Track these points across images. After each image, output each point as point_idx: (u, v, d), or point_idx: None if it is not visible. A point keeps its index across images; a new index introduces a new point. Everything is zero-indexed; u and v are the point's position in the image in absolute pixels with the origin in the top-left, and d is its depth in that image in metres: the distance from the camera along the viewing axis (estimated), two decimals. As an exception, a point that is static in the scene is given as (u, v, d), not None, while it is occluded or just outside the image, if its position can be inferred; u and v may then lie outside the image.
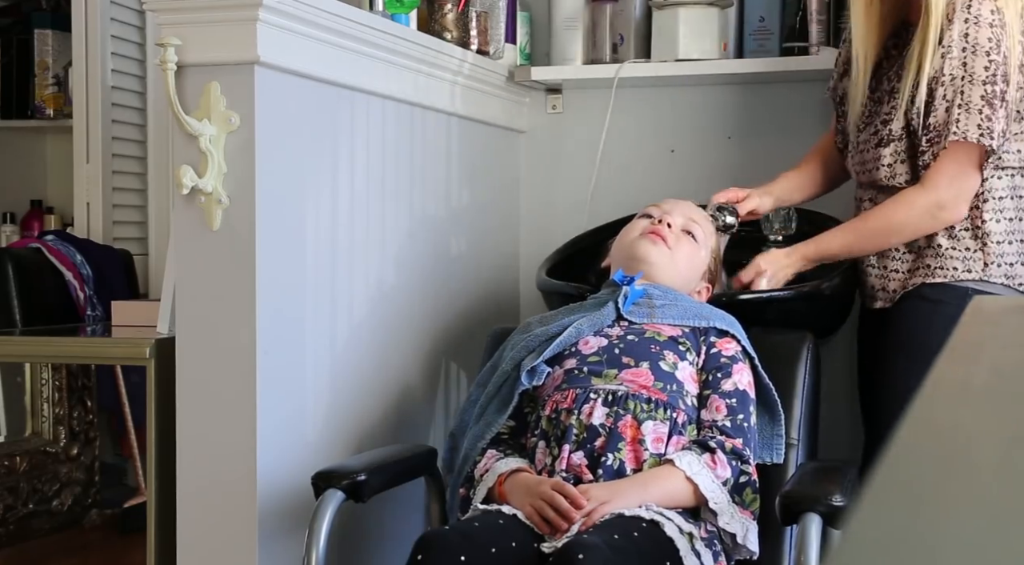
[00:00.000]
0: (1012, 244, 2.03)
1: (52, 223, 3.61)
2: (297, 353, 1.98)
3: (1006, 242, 2.02)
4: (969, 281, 2.01)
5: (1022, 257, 2.03)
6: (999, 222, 2.02)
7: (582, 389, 1.85)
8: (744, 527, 1.78)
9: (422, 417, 2.41)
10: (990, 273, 2.01)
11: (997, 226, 2.02)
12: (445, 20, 2.47)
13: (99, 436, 3.04)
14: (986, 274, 2.01)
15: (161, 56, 1.81)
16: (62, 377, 2.92)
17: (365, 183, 2.17)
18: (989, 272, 2.01)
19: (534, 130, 2.89)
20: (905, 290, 2.07)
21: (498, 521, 1.71)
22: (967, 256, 2.02)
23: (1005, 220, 2.02)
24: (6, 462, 2.79)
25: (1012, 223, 2.03)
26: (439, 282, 2.46)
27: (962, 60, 1.96)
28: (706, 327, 1.95)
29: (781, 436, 1.94)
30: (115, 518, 3.03)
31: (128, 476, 3.15)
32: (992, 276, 2.01)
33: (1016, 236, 2.03)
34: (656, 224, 2.04)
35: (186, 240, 1.90)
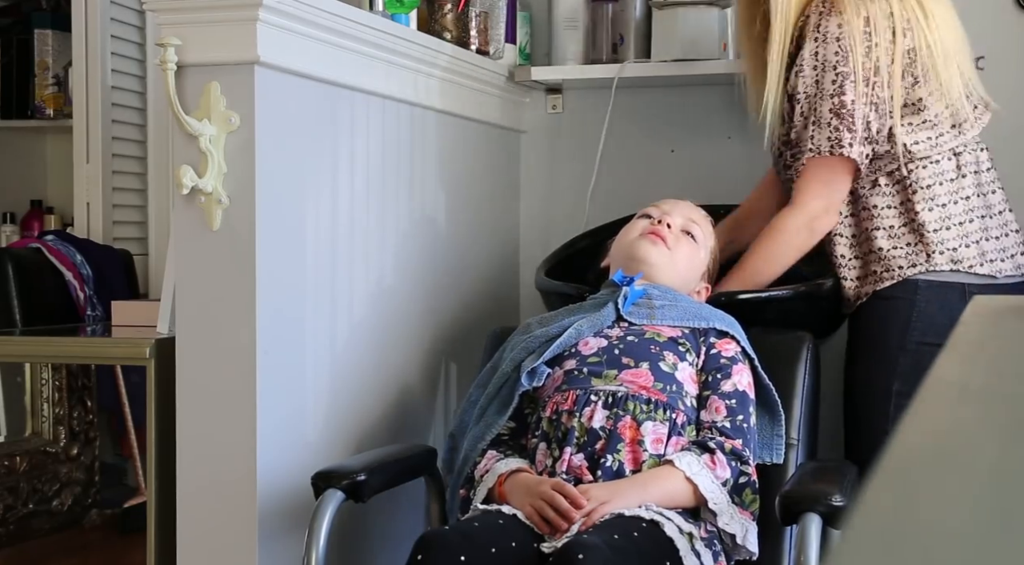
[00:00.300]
0: (950, 229, 2.02)
1: (52, 223, 3.61)
2: (297, 353, 1.98)
3: (943, 228, 2.02)
4: (917, 275, 2.02)
5: (964, 239, 2.02)
6: (931, 210, 2.02)
7: (582, 390, 1.85)
8: (744, 528, 1.78)
9: (422, 417, 2.41)
10: (935, 262, 2.02)
11: (930, 214, 2.02)
12: (445, 20, 2.47)
13: (99, 436, 3.04)
14: (931, 264, 2.02)
15: (161, 56, 1.81)
16: (62, 377, 2.92)
17: (365, 183, 2.17)
18: (934, 261, 2.02)
19: (534, 130, 2.89)
20: (859, 299, 2.10)
21: (498, 521, 1.71)
22: (909, 251, 2.03)
23: (938, 207, 2.03)
24: (6, 462, 2.79)
25: (946, 208, 2.03)
26: (439, 282, 2.46)
27: (813, 78, 2.02)
28: (706, 328, 1.95)
29: (781, 436, 1.94)
30: (115, 518, 3.03)
31: (128, 476, 3.15)
32: (938, 265, 2.02)
33: (953, 220, 2.03)
34: (656, 224, 2.04)
35: (186, 240, 1.90)
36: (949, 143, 2.05)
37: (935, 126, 2.04)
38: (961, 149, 2.06)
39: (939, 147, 2.04)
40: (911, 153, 2.03)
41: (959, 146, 2.06)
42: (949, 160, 2.05)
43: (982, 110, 2.10)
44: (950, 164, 2.05)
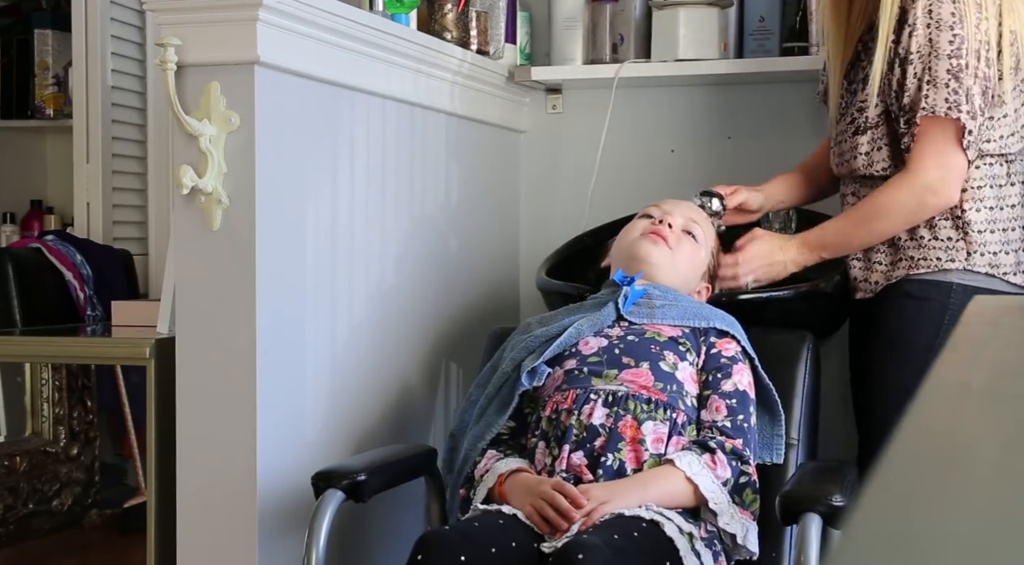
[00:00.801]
0: (994, 233, 2.00)
1: (52, 223, 3.61)
2: (297, 353, 1.98)
3: (988, 231, 1.99)
4: (953, 270, 1.99)
5: (1005, 246, 2.00)
6: (979, 211, 1.99)
7: (582, 389, 1.85)
8: (744, 528, 1.78)
9: (422, 417, 2.41)
10: (974, 262, 1.98)
11: (978, 215, 1.99)
12: (445, 20, 2.47)
13: (99, 436, 3.04)
14: (969, 263, 1.98)
15: (161, 56, 1.81)
16: (62, 377, 2.92)
17: (365, 183, 2.17)
18: (973, 261, 1.98)
19: (534, 130, 2.89)
20: (888, 282, 2.04)
21: (498, 521, 1.71)
22: (949, 246, 2.00)
23: (986, 209, 1.99)
24: (6, 462, 2.79)
25: (993, 212, 2.00)
26: (439, 282, 2.46)
27: (927, 36, 1.94)
28: (706, 327, 1.95)
29: (781, 436, 1.94)
30: (115, 518, 3.03)
31: (128, 476, 3.15)
32: (976, 265, 1.98)
33: (998, 225, 2.01)
34: (656, 224, 2.04)
35: (186, 240, 1.90)
36: (1013, 146, 2.01)
37: (1009, 125, 2.00)
38: (1014, 157, 2.02)
39: (1004, 149, 2.00)
40: (980, 148, 1.98)
41: (1014, 153, 2.02)
42: (1002, 165, 2.01)
43: None
44: (1002, 169, 2.01)
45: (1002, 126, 2.00)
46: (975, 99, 1.93)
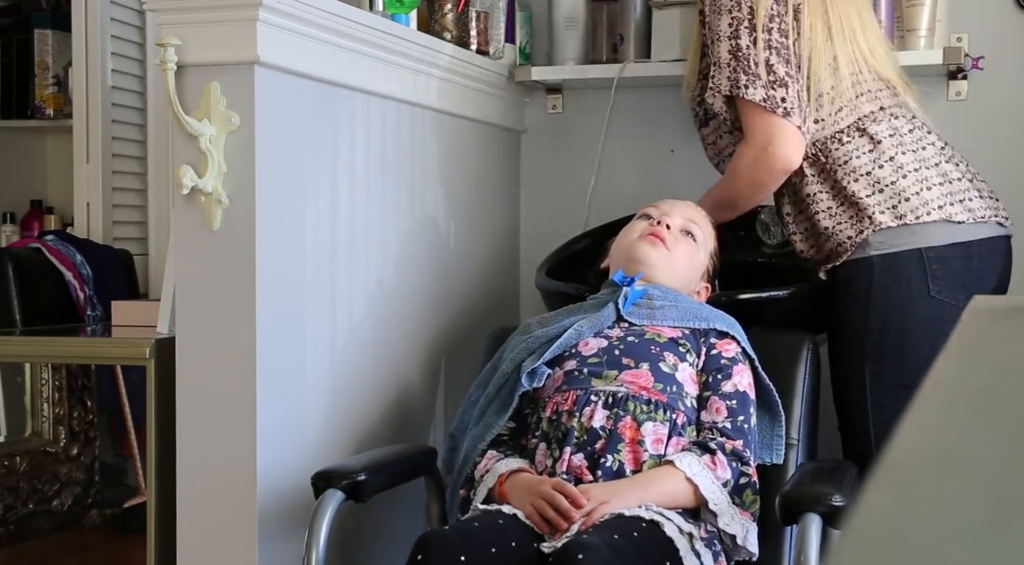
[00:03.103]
0: (883, 191, 2.03)
1: (52, 223, 3.61)
2: (297, 353, 1.98)
3: (875, 192, 2.04)
4: (868, 239, 2.02)
5: (901, 194, 2.03)
6: (858, 180, 2.05)
7: (582, 391, 1.85)
8: (744, 528, 1.78)
9: (422, 417, 2.41)
10: (878, 220, 2.02)
11: (857, 184, 2.04)
12: (445, 20, 2.47)
13: (99, 436, 3.04)
14: (875, 224, 2.02)
15: (161, 56, 1.81)
16: (62, 377, 2.92)
17: (365, 183, 2.17)
18: (876, 220, 2.02)
19: (534, 130, 2.89)
20: (827, 271, 2.11)
21: (498, 521, 1.71)
22: (852, 222, 2.05)
23: (863, 176, 2.05)
24: (6, 462, 2.79)
25: (872, 175, 2.05)
26: (439, 282, 2.46)
27: (709, 24, 2.07)
28: (706, 328, 1.95)
29: (781, 437, 1.94)
30: (115, 518, 3.03)
31: (128, 476, 3.15)
32: (882, 223, 2.02)
33: (884, 182, 2.04)
34: (655, 225, 2.04)
35: (186, 240, 1.90)
36: (846, 120, 2.07)
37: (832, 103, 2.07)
38: (866, 123, 2.07)
39: (838, 124, 2.07)
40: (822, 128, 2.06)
41: (860, 121, 2.07)
42: (860, 137, 2.07)
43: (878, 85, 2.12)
44: (862, 140, 2.06)
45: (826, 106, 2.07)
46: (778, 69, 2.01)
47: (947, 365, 0.83)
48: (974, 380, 0.79)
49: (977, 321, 1.10)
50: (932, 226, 2.01)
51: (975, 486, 0.52)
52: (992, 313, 1.20)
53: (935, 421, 0.66)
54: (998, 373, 0.82)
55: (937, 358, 0.83)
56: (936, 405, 0.70)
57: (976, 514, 0.47)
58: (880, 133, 2.07)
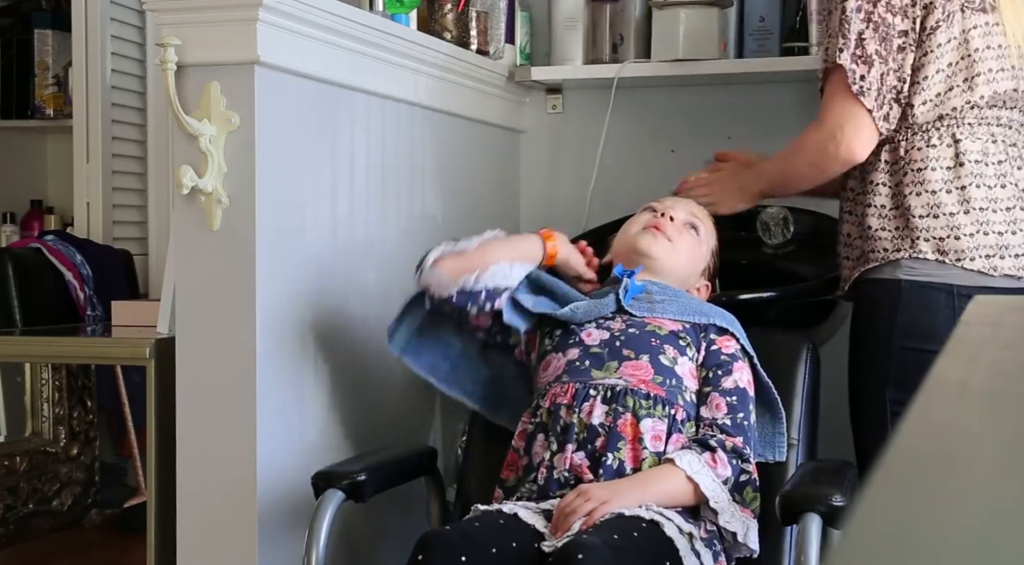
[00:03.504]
0: (939, 218, 1.92)
1: (52, 223, 3.61)
2: (297, 353, 1.98)
3: (930, 216, 1.93)
4: (901, 261, 1.94)
5: (954, 231, 1.92)
6: (920, 195, 1.93)
7: (581, 384, 1.84)
8: (744, 526, 1.78)
9: (422, 417, 2.41)
10: (919, 248, 1.93)
11: (918, 199, 1.93)
12: (445, 20, 2.47)
13: (99, 436, 3.04)
14: (915, 251, 1.93)
15: (161, 56, 1.81)
16: (62, 377, 2.92)
17: (365, 183, 2.17)
18: (918, 247, 1.93)
19: (534, 130, 2.89)
20: (853, 279, 2.03)
21: (499, 521, 1.71)
22: (895, 235, 1.96)
23: (927, 193, 1.93)
24: (6, 462, 2.79)
25: (936, 196, 1.93)
26: (439, 282, 2.45)
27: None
28: (706, 324, 1.95)
29: (783, 434, 1.94)
30: (115, 518, 3.03)
31: (128, 476, 3.15)
32: (922, 252, 1.92)
33: (944, 209, 1.93)
34: (658, 218, 2.05)
35: (186, 240, 1.90)
36: (930, 113, 1.95)
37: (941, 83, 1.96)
38: (963, 135, 1.95)
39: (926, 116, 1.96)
40: (909, 120, 1.96)
41: (960, 128, 1.95)
42: (949, 148, 1.95)
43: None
44: (948, 151, 1.95)
45: (936, 85, 1.96)
46: (868, 45, 1.93)
47: (947, 365, 0.83)
48: (975, 380, 0.79)
49: (977, 321, 1.10)
50: (970, 274, 1.92)
51: (976, 486, 0.52)
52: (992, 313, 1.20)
53: (935, 421, 0.66)
54: (998, 373, 0.82)
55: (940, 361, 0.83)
56: (936, 405, 0.70)
57: (977, 514, 0.47)
58: (969, 153, 1.94)
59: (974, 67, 1.95)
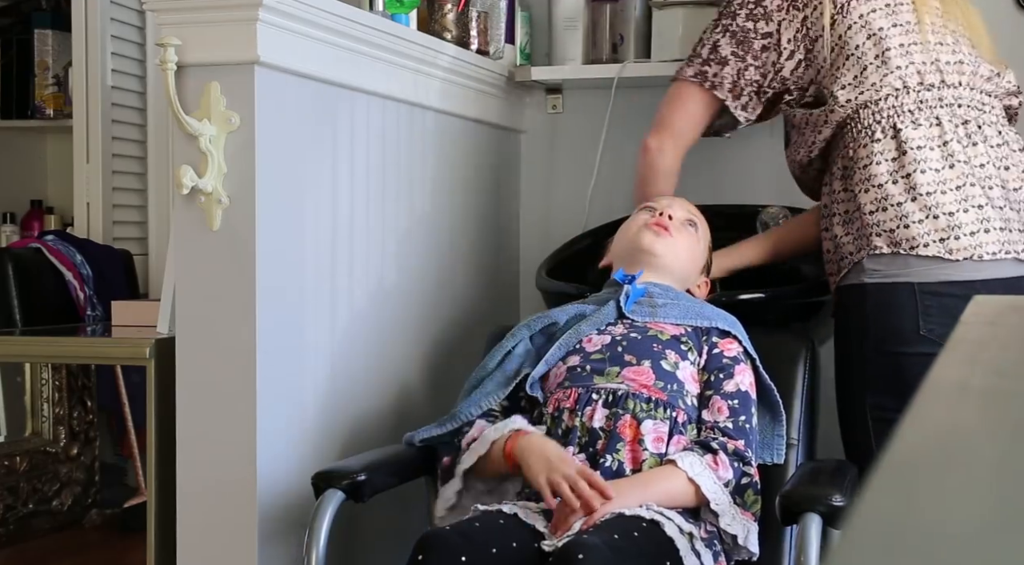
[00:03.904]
0: (887, 210, 1.91)
1: (52, 223, 3.61)
2: (297, 353, 1.98)
3: (879, 210, 1.92)
4: (864, 261, 1.93)
5: (903, 220, 1.90)
6: (868, 191, 1.94)
7: (584, 389, 1.85)
8: (745, 529, 1.78)
9: (422, 417, 2.41)
10: (874, 244, 1.91)
11: (867, 196, 1.94)
12: (445, 20, 2.47)
13: (99, 436, 3.04)
14: (871, 248, 1.91)
15: (161, 56, 1.81)
16: (62, 377, 2.92)
17: (365, 183, 2.17)
18: (873, 243, 1.91)
19: (534, 130, 2.89)
20: (834, 289, 2.04)
21: (499, 521, 1.70)
22: (856, 237, 1.96)
23: (874, 188, 1.93)
24: (6, 462, 2.79)
25: (883, 188, 1.92)
26: (439, 282, 2.46)
27: None
28: (708, 327, 1.95)
29: (782, 436, 1.94)
30: (115, 518, 3.03)
31: (128, 476, 3.15)
32: (877, 247, 1.91)
33: (891, 200, 1.91)
34: (657, 216, 2.05)
35: (186, 240, 1.90)
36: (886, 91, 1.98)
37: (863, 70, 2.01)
38: (904, 123, 1.95)
39: (880, 112, 1.97)
40: (833, 112, 2.01)
41: (900, 116, 1.96)
42: (891, 138, 1.95)
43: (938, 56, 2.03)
44: (890, 143, 1.94)
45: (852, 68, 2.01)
46: (722, 49, 2.12)
47: (947, 365, 0.83)
48: (974, 380, 0.79)
49: (977, 321, 1.10)
50: (926, 260, 1.89)
51: (976, 486, 0.52)
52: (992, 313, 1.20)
53: (935, 421, 0.66)
54: (998, 373, 0.82)
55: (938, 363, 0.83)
56: (936, 405, 0.70)
57: (977, 514, 0.47)
58: (911, 141, 1.94)
59: (881, 43, 2.00)
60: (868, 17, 2.02)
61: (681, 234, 2.04)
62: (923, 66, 1.99)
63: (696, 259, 2.07)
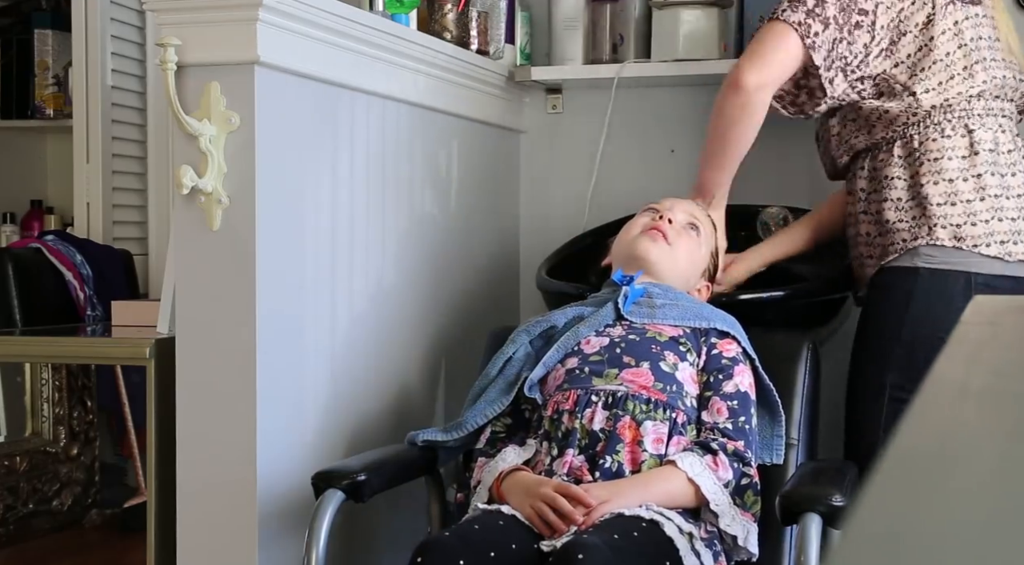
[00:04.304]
0: (956, 205, 1.96)
1: (52, 223, 3.61)
2: (297, 353, 1.98)
3: (948, 204, 1.97)
4: (919, 248, 1.96)
5: (971, 217, 1.96)
6: (937, 184, 1.97)
7: (583, 391, 1.85)
8: (745, 529, 1.78)
9: (422, 417, 2.41)
10: (937, 235, 1.95)
11: (935, 188, 1.97)
12: (445, 20, 2.47)
13: (99, 436, 3.04)
14: (933, 238, 1.96)
15: (161, 56, 1.81)
16: (62, 377, 2.92)
17: (365, 183, 2.17)
18: (936, 235, 1.95)
19: (534, 130, 2.89)
20: (873, 275, 2.05)
21: (498, 522, 1.70)
22: (912, 225, 1.99)
23: (944, 182, 1.97)
24: (6, 462, 2.79)
25: (954, 184, 1.97)
26: (439, 282, 2.46)
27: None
28: (707, 328, 1.95)
29: (781, 437, 1.94)
30: (115, 518, 3.03)
31: (128, 476, 3.15)
32: (939, 239, 1.95)
33: (961, 197, 1.97)
34: (657, 220, 2.05)
35: (186, 240, 1.90)
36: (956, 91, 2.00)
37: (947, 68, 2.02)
38: (975, 124, 2.00)
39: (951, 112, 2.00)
40: (919, 104, 2.00)
41: (971, 117, 2.01)
42: (963, 137, 1.99)
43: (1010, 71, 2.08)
44: (963, 141, 1.99)
45: (938, 73, 2.01)
46: (828, 8, 1.98)
47: (947, 365, 0.83)
48: (975, 380, 0.79)
49: (977, 321, 1.10)
50: (987, 260, 1.95)
51: (976, 486, 0.52)
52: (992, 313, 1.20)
53: (935, 421, 0.66)
54: (998, 373, 0.82)
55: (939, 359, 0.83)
56: (936, 405, 0.70)
57: (977, 514, 0.47)
58: (983, 143, 2.00)
59: (971, 56, 2.02)
60: (962, 25, 2.03)
61: (680, 239, 2.04)
62: (995, 81, 2.03)
63: (696, 263, 2.06)
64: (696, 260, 2.06)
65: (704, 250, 2.08)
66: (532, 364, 1.94)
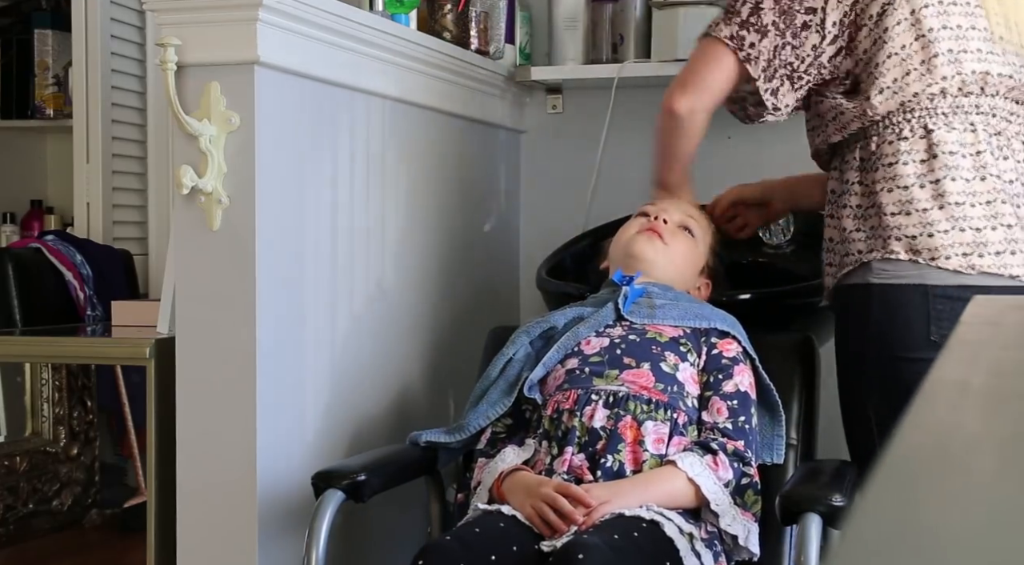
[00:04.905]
0: (911, 215, 1.78)
1: (52, 223, 3.61)
2: (297, 353, 1.98)
3: (901, 213, 1.79)
4: (873, 262, 1.80)
5: (927, 227, 1.77)
6: (891, 191, 1.80)
7: (583, 390, 1.84)
8: (746, 529, 1.78)
9: (422, 417, 2.41)
10: (891, 248, 1.78)
11: (889, 196, 1.80)
12: (445, 20, 2.47)
13: (99, 436, 3.04)
14: (887, 251, 1.79)
15: (161, 56, 1.81)
16: (62, 377, 2.92)
17: (365, 183, 2.17)
18: (890, 247, 1.78)
19: (534, 130, 2.89)
20: (834, 286, 1.92)
21: (498, 524, 1.70)
22: (869, 235, 1.82)
23: (899, 189, 1.80)
24: (6, 462, 2.79)
25: (909, 191, 1.79)
26: (439, 282, 2.46)
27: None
28: (707, 328, 1.95)
29: (782, 437, 1.93)
30: (115, 518, 3.03)
31: (128, 476, 3.15)
32: (893, 252, 1.78)
33: (916, 205, 1.78)
34: (652, 221, 2.05)
35: (186, 240, 1.90)
36: (915, 88, 1.82)
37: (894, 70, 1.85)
38: (937, 125, 1.81)
39: (910, 112, 1.83)
40: (864, 113, 1.85)
41: (933, 118, 1.82)
42: (922, 139, 1.81)
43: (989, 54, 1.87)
44: (921, 143, 1.81)
45: (893, 69, 1.83)
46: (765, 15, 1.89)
47: (947, 365, 0.83)
48: (974, 380, 0.79)
49: (977, 321, 1.10)
50: (947, 274, 1.76)
51: (976, 486, 0.52)
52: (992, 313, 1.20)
53: (935, 421, 0.66)
54: (998, 373, 0.82)
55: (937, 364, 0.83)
56: (936, 405, 0.70)
57: (976, 514, 0.47)
58: (943, 144, 1.80)
59: (930, 48, 1.82)
60: (920, 14, 1.83)
61: (676, 238, 2.04)
62: (970, 76, 1.83)
63: (693, 262, 2.06)
64: (693, 259, 2.06)
65: (701, 248, 2.08)
66: (532, 365, 1.94)
